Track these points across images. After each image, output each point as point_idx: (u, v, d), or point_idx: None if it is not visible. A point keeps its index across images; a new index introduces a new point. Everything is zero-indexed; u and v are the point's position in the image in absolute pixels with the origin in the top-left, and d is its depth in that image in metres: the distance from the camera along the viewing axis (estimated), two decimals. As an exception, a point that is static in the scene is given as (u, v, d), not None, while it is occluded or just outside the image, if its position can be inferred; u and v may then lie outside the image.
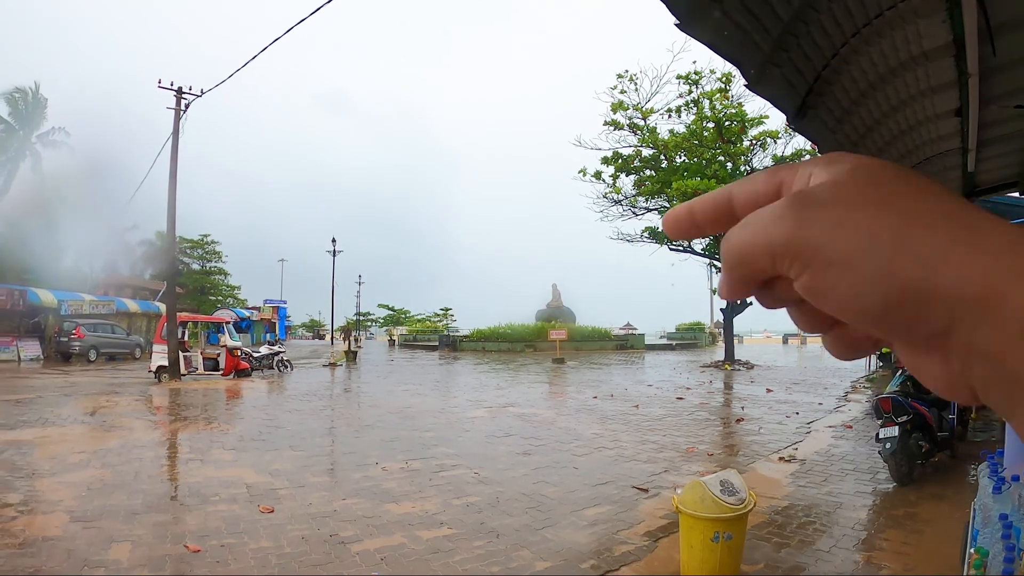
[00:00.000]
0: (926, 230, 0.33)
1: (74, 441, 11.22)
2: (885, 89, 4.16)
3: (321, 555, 5.90)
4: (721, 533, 5.10)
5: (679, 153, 31.03)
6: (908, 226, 0.34)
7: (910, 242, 0.33)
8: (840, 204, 0.36)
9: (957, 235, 0.33)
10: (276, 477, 8.74)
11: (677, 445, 11.36)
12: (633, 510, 7.45)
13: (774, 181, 0.42)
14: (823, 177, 0.38)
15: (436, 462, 9.82)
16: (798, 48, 3.43)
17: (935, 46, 3.55)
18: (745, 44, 3.18)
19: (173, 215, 26.08)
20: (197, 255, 64.65)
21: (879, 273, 0.33)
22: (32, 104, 49.36)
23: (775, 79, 3.53)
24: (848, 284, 0.34)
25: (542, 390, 21.50)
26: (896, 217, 0.34)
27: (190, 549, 5.97)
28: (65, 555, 5.82)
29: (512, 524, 6.86)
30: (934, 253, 0.32)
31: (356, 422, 14.42)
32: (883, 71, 3.90)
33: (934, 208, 0.34)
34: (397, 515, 7.11)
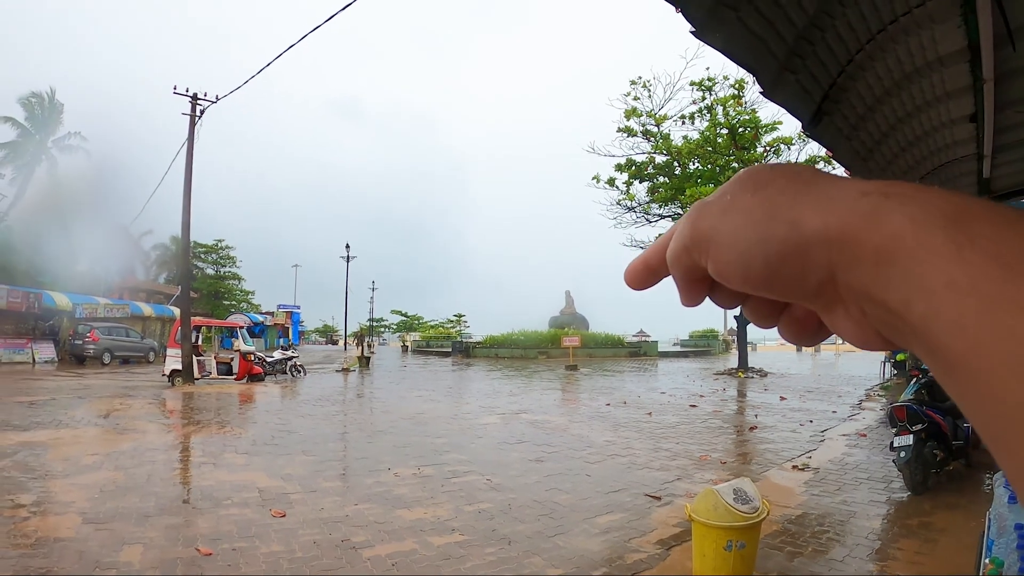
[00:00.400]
0: (792, 198, 0.39)
1: (87, 443, 11.26)
2: (900, 95, 4.14)
3: (332, 560, 5.89)
4: (734, 542, 5.07)
5: (692, 160, 31.02)
6: (777, 198, 0.39)
7: (778, 210, 0.38)
8: (725, 197, 0.42)
9: (818, 196, 0.38)
10: (288, 481, 8.75)
11: (690, 453, 11.31)
12: (646, 518, 7.41)
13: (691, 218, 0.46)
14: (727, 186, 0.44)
15: (448, 468, 9.81)
16: (814, 55, 3.42)
17: (950, 51, 3.53)
18: (760, 51, 3.17)
19: (188, 220, 26.23)
20: (211, 260, 64.97)
21: (757, 240, 0.39)
22: (48, 109, 49.78)
23: (790, 86, 3.53)
24: (736, 257, 0.40)
25: (555, 397, 21.44)
26: (767, 195, 0.40)
27: (201, 552, 5.97)
28: (77, 556, 5.83)
29: (524, 531, 6.84)
30: (799, 214, 0.37)
31: (368, 427, 14.43)
32: (898, 77, 3.88)
33: (800, 182, 0.40)
34: (409, 521, 7.10)
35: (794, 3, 3.05)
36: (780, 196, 0.39)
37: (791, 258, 0.38)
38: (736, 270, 0.40)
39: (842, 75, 3.70)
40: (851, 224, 0.35)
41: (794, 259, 0.37)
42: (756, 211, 0.39)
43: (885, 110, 4.31)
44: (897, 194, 0.35)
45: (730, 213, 0.41)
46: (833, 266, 0.36)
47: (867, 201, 0.36)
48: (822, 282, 0.37)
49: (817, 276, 0.37)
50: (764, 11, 2.98)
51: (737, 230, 0.40)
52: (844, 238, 0.35)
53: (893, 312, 0.34)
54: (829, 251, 0.36)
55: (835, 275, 0.37)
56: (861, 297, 0.36)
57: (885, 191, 0.36)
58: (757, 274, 0.39)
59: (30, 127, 49.16)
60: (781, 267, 0.38)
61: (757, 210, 0.39)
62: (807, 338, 0.45)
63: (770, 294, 0.41)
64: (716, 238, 0.41)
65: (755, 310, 0.46)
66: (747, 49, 3.10)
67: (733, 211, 0.41)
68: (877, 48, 3.52)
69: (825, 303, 0.39)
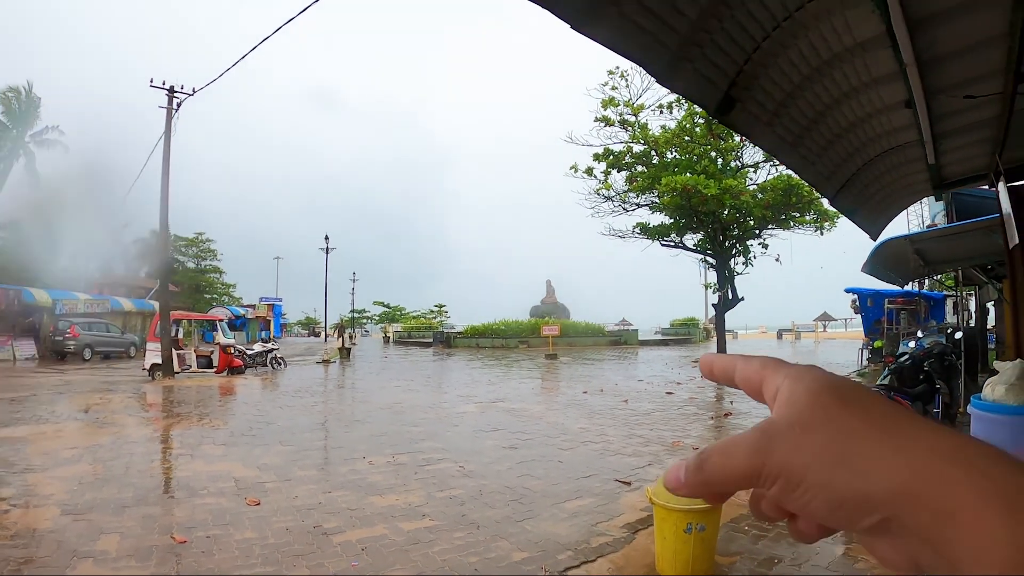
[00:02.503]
0: (860, 443, 0.41)
1: (67, 437, 11.35)
2: (823, 81, 4.17)
3: (303, 545, 6.03)
4: (694, 524, 5.15)
5: (670, 149, 31.15)
6: (846, 441, 0.42)
7: (847, 457, 0.41)
8: (796, 431, 0.44)
9: (886, 447, 0.41)
10: (264, 471, 8.88)
11: (663, 439, 11.46)
12: (615, 503, 7.54)
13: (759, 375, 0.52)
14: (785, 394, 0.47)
15: (422, 456, 9.95)
16: (712, 43, 3.45)
17: (868, 37, 3.59)
18: (647, 43, 3.20)
19: (166, 213, 26.16)
20: (192, 253, 64.65)
21: (823, 484, 0.42)
22: (26, 103, 49.30)
23: (689, 74, 3.56)
24: (802, 493, 0.43)
25: (533, 385, 21.57)
26: (838, 435, 0.42)
27: (176, 540, 6.11)
28: (55, 546, 5.96)
29: (493, 516, 6.99)
30: (867, 463, 0.40)
31: (346, 417, 14.57)
32: (817, 63, 3.94)
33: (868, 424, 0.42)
34: (381, 507, 7.25)
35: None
36: (849, 440, 0.42)
37: (853, 502, 0.41)
38: (799, 503, 0.44)
39: (749, 63, 3.73)
40: (917, 484, 0.39)
41: (858, 503, 0.41)
42: (826, 453, 0.42)
43: (808, 96, 4.36)
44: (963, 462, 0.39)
45: (802, 452, 0.43)
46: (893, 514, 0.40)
47: (935, 464, 0.39)
48: (875, 524, 0.41)
49: (872, 518, 0.40)
50: (649, 4, 3.02)
51: (807, 471, 0.42)
52: (911, 495, 0.39)
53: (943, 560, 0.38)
54: (894, 502, 0.39)
55: (890, 521, 0.40)
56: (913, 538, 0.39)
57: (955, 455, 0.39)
58: (818, 509, 0.43)
59: (7, 121, 48.68)
60: (841, 507, 0.41)
61: (829, 452, 0.42)
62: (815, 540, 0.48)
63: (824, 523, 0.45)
64: (786, 475, 0.43)
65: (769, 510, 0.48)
66: (634, 42, 3.13)
67: (804, 450, 0.43)
68: (787, 35, 3.58)
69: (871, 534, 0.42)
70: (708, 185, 27.86)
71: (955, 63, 3.93)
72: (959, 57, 3.87)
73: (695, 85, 3.71)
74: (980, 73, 4.06)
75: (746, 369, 0.53)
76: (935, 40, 3.59)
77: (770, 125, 4.47)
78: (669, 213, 32.43)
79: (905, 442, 0.40)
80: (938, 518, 0.37)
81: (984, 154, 5.75)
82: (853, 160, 5.62)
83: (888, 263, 14.34)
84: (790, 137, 4.76)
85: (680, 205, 29.61)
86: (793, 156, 5.02)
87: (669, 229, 34.11)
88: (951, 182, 6.61)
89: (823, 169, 5.48)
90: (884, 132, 5.17)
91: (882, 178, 6.35)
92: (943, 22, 3.45)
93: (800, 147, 4.96)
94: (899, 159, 5.87)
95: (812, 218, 30.99)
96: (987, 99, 4.32)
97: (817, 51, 3.82)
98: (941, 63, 3.90)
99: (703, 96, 3.85)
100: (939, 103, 4.47)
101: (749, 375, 0.53)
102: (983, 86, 4.19)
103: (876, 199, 6.90)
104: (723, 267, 33.53)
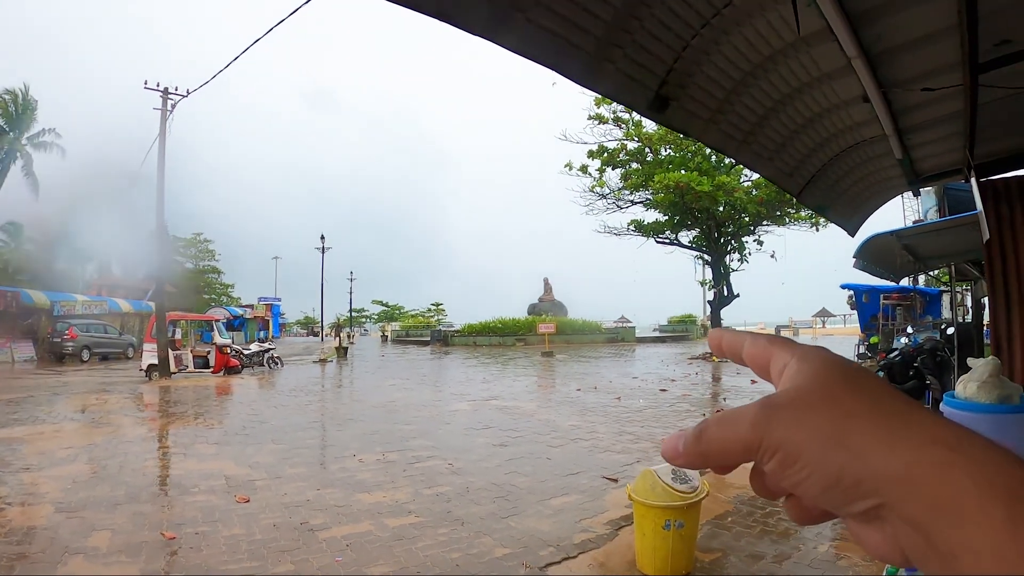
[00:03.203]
0: (862, 425, 0.41)
1: (63, 438, 11.47)
2: (768, 77, 4.17)
3: (289, 541, 6.15)
4: (672, 521, 5.18)
5: (664, 146, 31.21)
6: (846, 422, 0.41)
7: (847, 436, 0.40)
8: (797, 407, 0.43)
9: (887, 429, 0.40)
10: (255, 469, 9.01)
11: (654, 436, 11.51)
12: (600, 499, 7.63)
13: (767, 352, 0.52)
14: (791, 372, 0.47)
15: (412, 454, 10.06)
16: (634, 43, 3.42)
17: (811, 31, 3.58)
18: (562, 47, 3.17)
19: (162, 214, 26.22)
20: (190, 254, 64.64)
21: (820, 463, 0.41)
22: (22, 106, 49.19)
23: (612, 75, 3.52)
24: (798, 470, 0.42)
25: (527, 383, 21.65)
26: (840, 416, 0.42)
27: (166, 536, 6.23)
28: (48, 542, 6.10)
29: (478, 512, 7.09)
30: (866, 445, 0.40)
31: (339, 416, 14.69)
32: (757, 60, 3.94)
33: (870, 407, 0.42)
34: (368, 504, 7.37)
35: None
36: (850, 421, 0.41)
37: (847, 483, 0.40)
38: (793, 480, 0.43)
39: (679, 60, 3.71)
40: (915, 470, 0.38)
41: (849, 485, 0.40)
42: (825, 432, 0.41)
43: (755, 92, 4.34)
44: (966, 452, 0.38)
45: (801, 428, 0.42)
46: (886, 497, 0.39)
47: (935, 451, 0.38)
48: (868, 508, 0.40)
49: (866, 502, 0.40)
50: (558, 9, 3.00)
51: (804, 448, 0.42)
52: (907, 481, 0.38)
53: (935, 550, 0.37)
54: (889, 487, 0.39)
55: (883, 505, 0.39)
56: (905, 524, 0.39)
57: (955, 444, 0.39)
58: (812, 488, 0.42)
59: (4, 124, 48.56)
60: (835, 488, 0.41)
61: (827, 430, 0.41)
62: (809, 522, 0.48)
63: (816, 503, 0.44)
64: (784, 451, 0.43)
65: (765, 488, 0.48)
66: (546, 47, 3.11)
67: (804, 427, 0.42)
68: (719, 32, 3.59)
69: (862, 520, 0.42)
70: (702, 182, 27.94)
71: (908, 55, 3.89)
72: (911, 49, 3.84)
73: (621, 86, 3.65)
74: (937, 65, 4.01)
75: (754, 346, 0.54)
76: (882, 33, 3.58)
77: (713, 122, 4.39)
78: (663, 210, 32.53)
79: (907, 429, 0.40)
80: (935, 508, 0.37)
81: (956, 148, 5.69)
82: (817, 155, 5.61)
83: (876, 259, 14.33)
84: (738, 134, 4.70)
85: (674, 202, 29.72)
86: (745, 153, 4.94)
87: (664, 226, 34.18)
88: (926, 177, 6.60)
89: (783, 165, 5.45)
90: (847, 127, 5.14)
91: (852, 173, 6.34)
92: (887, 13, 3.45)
93: (752, 143, 4.92)
94: (869, 153, 5.84)
95: (807, 214, 31.03)
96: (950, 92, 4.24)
97: (755, 47, 3.79)
98: (893, 56, 3.87)
99: (632, 97, 3.79)
100: (898, 96, 4.41)
101: (757, 352, 0.53)
102: (942, 79, 4.11)
103: (849, 195, 6.89)
104: (718, 264, 33.61)
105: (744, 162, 5.26)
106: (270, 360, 27.94)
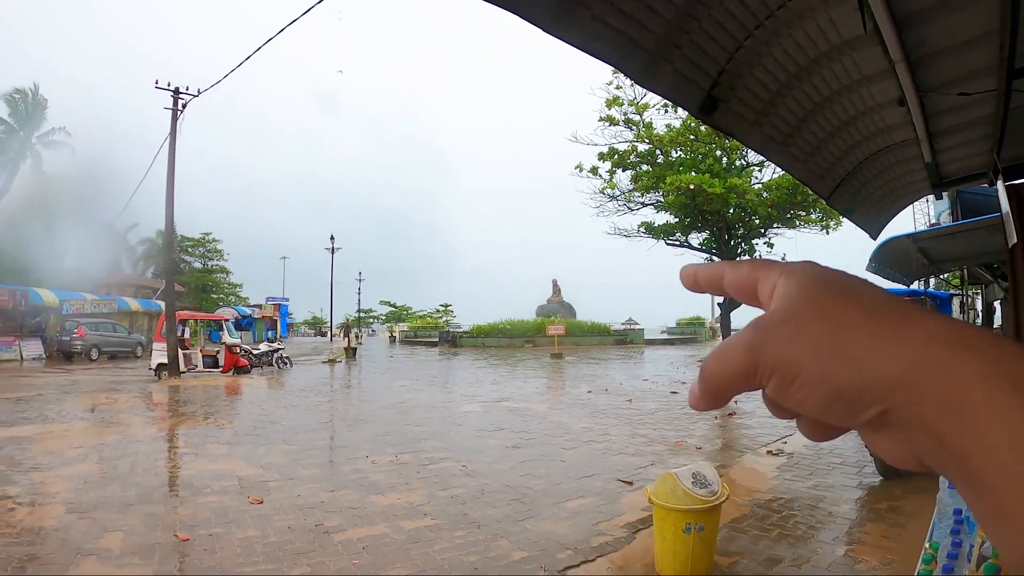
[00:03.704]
0: (858, 334, 0.39)
1: (73, 437, 11.43)
2: (811, 79, 4.15)
3: (304, 544, 6.09)
4: (693, 524, 5.17)
5: (675, 148, 31.17)
6: (841, 332, 0.40)
7: (842, 347, 0.39)
8: (789, 325, 0.42)
9: (883, 335, 0.39)
10: (267, 470, 8.95)
11: (666, 439, 11.48)
12: (616, 502, 7.57)
13: (752, 277, 0.49)
14: (781, 291, 0.45)
15: (425, 455, 10.00)
16: (691, 43, 3.42)
17: (855, 35, 3.56)
18: (622, 44, 3.16)
19: (171, 214, 26.24)
20: (199, 253, 64.72)
21: (819, 378, 0.40)
22: (32, 105, 49.38)
23: (669, 75, 3.52)
24: (797, 388, 0.41)
25: (537, 385, 21.62)
26: (832, 326, 0.40)
27: (179, 538, 6.17)
28: (60, 544, 6.03)
29: (494, 515, 7.03)
30: (864, 354, 0.39)
31: (350, 417, 14.64)
32: (804, 62, 3.92)
33: (864, 314, 0.41)
34: (382, 506, 7.30)
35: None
36: (845, 331, 0.40)
37: (850, 395, 0.39)
38: (795, 399, 0.42)
39: (732, 62, 3.71)
40: (918, 371, 0.37)
41: (853, 396, 0.39)
42: (821, 345, 0.40)
43: (797, 95, 4.33)
44: (968, 346, 0.37)
45: (796, 345, 0.41)
46: (891, 404, 0.38)
47: (936, 349, 0.37)
48: (875, 417, 0.39)
49: (871, 411, 0.39)
50: (622, 6, 2.99)
51: (801, 364, 0.41)
52: (909, 383, 0.37)
53: (948, 451, 0.36)
54: (892, 393, 0.37)
55: (889, 412, 0.38)
56: (915, 429, 0.38)
57: (955, 340, 0.37)
58: (816, 405, 0.41)
59: (14, 123, 48.78)
60: (838, 401, 0.40)
61: (822, 344, 0.40)
62: (825, 438, 0.47)
63: (822, 419, 0.43)
64: (781, 370, 0.42)
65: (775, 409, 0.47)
66: (608, 44, 3.10)
67: (798, 343, 0.41)
68: (770, 34, 3.57)
69: (871, 428, 0.40)
70: (713, 184, 27.88)
71: (947, 60, 3.87)
72: (951, 54, 3.82)
73: (676, 86, 3.65)
74: (973, 69, 3.98)
75: (736, 273, 0.51)
76: (925, 37, 3.56)
77: (757, 124, 4.41)
78: (674, 212, 32.48)
79: (904, 330, 0.39)
80: (942, 407, 0.36)
81: (982, 152, 5.67)
82: (848, 158, 5.59)
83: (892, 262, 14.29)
84: (779, 136, 4.72)
85: (685, 204, 29.66)
86: (783, 155, 4.98)
87: (674, 228, 34.14)
88: (950, 180, 6.55)
89: (816, 168, 5.46)
90: (879, 130, 5.14)
91: (879, 176, 6.33)
92: (931, 19, 3.42)
93: (791, 146, 4.92)
94: (896, 157, 5.84)
95: (818, 217, 31.00)
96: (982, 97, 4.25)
97: (803, 49, 3.77)
98: (932, 60, 3.84)
99: (685, 97, 3.79)
100: (933, 101, 4.41)
101: (740, 278, 0.51)
102: (977, 83, 4.09)
103: (874, 198, 6.89)
104: (729, 266, 33.50)
105: (781, 164, 5.25)
106: (279, 360, 27.96)
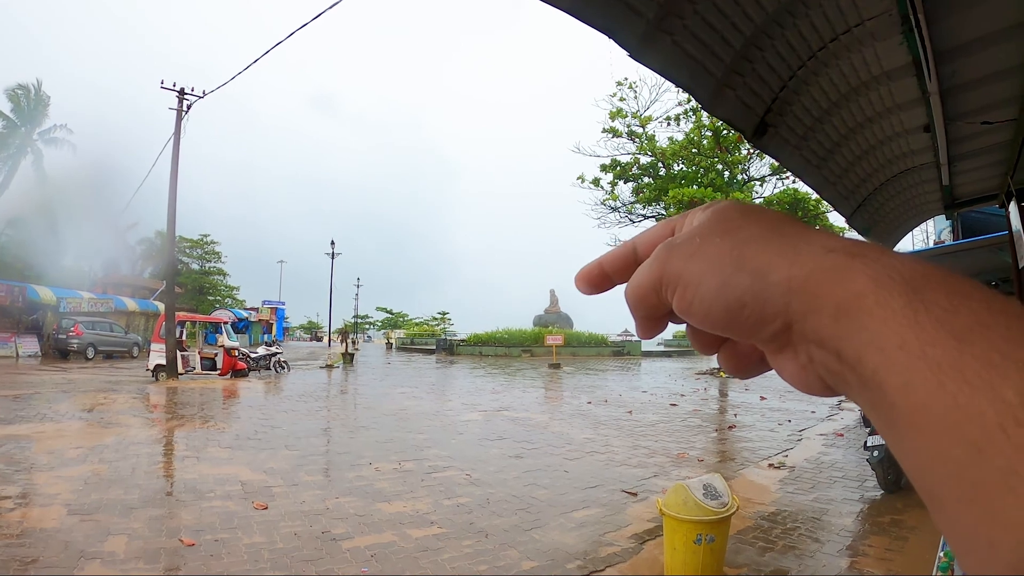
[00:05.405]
0: (759, 247, 0.41)
1: (71, 437, 11.33)
2: (849, 107, 4.27)
3: (312, 551, 6.03)
4: (703, 535, 5.19)
5: (677, 161, 31.21)
6: (744, 246, 0.41)
7: (744, 259, 0.40)
8: (694, 240, 0.44)
9: (783, 248, 0.40)
10: (271, 475, 8.88)
11: (668, 451, 11.47)
12: (621, 513, 7.56)
13: (669, 227, 0.50)
14: (694, 220, 0.47)
15: (428, 463, 9.95)
16: (753, 72, 3.54)
17: (896, 66, 3.68)
18: (697, 71, 3.28)
19: (173, 214, 26.17)
20: (196, 255, 64.74)
21: (720, 287, 0.41)
22: (34, 101, 49.37)
23: (730, 101, 3.64)
24: (699, 299, 0.42)
25: (537, 395, 21.60)
26: (736, 242, 0.42)
27: (184, 543, 6.10)
28: (62, 547, 5.94)
29: (501, 525, 6.99)
30: (764, 264, 0.40)
31: (351, 423, 14.56)
32: (845, 90, 4.04)
33: (767, 231, 0.42)
34: (388, 514, 7.25)
35: (730, 27, 3.17)
36: (747, 245, 0.41)
37: (752, 305, 0.40)
38: (699, 311, 0.42)
39: (784, 90, 3.83)
40: (814, 278, 0.38)
41: (754, 306, 0.40)
42: (723, 257, 0.41)
43: (835, 121, 4.46)
44: (861, 254, 0.38)
45: (698, 257, 0.43)
46: (791, 315, 0.38)
47: (832, 258, 0.38)
48: (778, 329, 0.39)
49: (774, 323, 0.39)
50: (700, 35, 3.11)
51: (704, 274, 0.42)
52: (806, 290, 0.38)
53: (844, 363, 0.36)
54: (790, 301, 0.38)
55: (791, 323, 0.39)
56: (813, 345, 0.38)
57: (850, 250, 0.38)
58: (718, 317, 0.41)
59: (16, 119, 48.75)
60: (741, 312, 0.40)
61: (724, 256, 0.41)
62: (745, 372, 0.47)
63: (727, 334, 0.43)
64: (684, 281, 0.43)
65: (698, 339, 0.48)
66: (684, 70, 3.22)
67: (701, 256, 0.42)
68: (820, 64, 3.68)
69: (776, 347, 0.41)
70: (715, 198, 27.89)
71: (974, 91, 4.03)
72: (978, 85, 3.96)
73: (736, 111, 3.79)
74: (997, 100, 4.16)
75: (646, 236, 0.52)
76: (956, 70, 3.68)
77: (798, 148, 4.59)
78: (675, 225, 32.50)
79: (806, 244, 0.40)
80: (837, 315, 0.36)
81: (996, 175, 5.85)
82: (871, 180, 5.76)
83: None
84: (815, 159, 4.90)
85: (687, 217, 29.68)
86: (816, 177, 5.15)
87: (675, 241, 34.17)
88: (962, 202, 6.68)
89: (842, 189, 5.64)
90: (901, 154, 5.30)
91: (896, 198, 6.48)
92: (965, 53, 3.53)
93: (824, 168, 5.10)
94: (914, 180, 5.99)
95: (817, 232, 31.05)
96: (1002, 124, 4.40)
97: (847, 79, 3.93)
98: (961, 91, 3.98)
99: (742, 122, 3.93)
100: (956, 128, 4.57)
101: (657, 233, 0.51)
102: (999, 112, 4.28)
103: (890, 218, 7.03)
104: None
105: (813, 185, 5.47)
106: (277, 364, 27.85)
